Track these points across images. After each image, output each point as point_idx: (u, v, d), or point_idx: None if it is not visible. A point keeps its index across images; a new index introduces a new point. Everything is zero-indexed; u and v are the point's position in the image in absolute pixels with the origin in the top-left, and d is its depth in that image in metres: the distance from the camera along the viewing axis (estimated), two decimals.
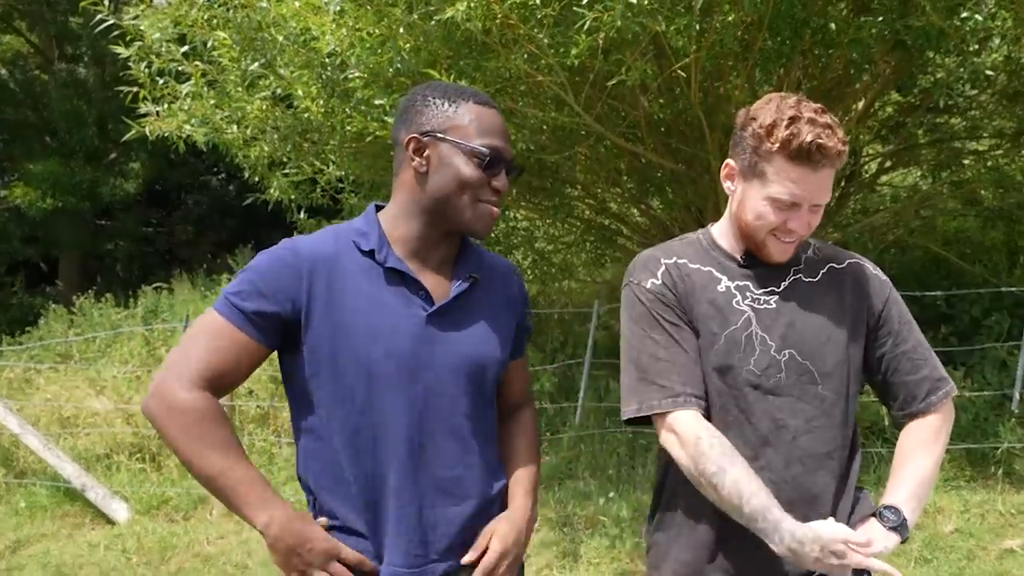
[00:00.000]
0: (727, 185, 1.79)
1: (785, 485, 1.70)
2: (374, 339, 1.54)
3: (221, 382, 1.52)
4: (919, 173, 7.38)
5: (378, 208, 1.69)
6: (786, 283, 1.77)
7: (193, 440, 1.47)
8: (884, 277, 1.83)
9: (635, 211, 6.76)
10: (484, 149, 1.57)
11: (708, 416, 1.72)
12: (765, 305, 1.75)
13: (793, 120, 1.61)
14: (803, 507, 1.70)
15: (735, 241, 1.80)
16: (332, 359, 1.55)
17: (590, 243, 7.20)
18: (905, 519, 1.72)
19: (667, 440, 1.72)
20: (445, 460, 1.59)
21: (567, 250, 7.39)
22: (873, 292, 1.79)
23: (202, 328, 1.53)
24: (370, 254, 1.59)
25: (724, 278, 1.78)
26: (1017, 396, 5.17)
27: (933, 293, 5.76)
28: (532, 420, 1.86)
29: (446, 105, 1.59)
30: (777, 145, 1.63)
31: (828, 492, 1.73)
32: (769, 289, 1.76)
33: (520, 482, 1.73)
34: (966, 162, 6.57)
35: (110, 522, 5.63)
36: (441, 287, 1.63)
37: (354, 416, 1.55)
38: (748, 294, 1.76)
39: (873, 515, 1.76)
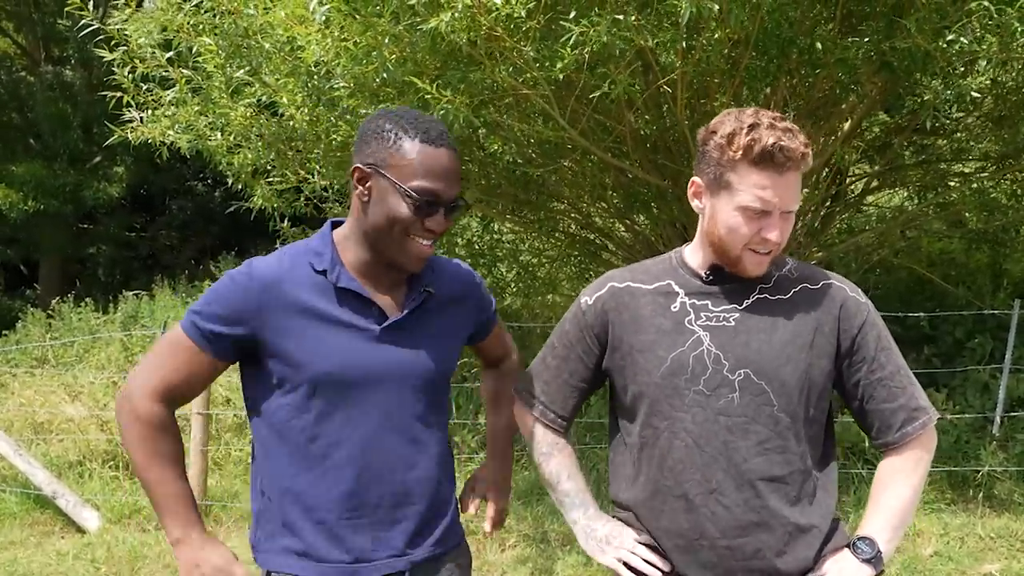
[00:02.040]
0: (695, 204, 1.78)
1: (737, 508, 1.67)
2: (327, 356, 1.63)
3: (180, 395, 1.68)
4: (905, 194, 7.40)
5: (335, 225, 1.75)
6: (749, 301, 1.74)
7: (145, 450, 1.64)
8: (863, 300, 1.76)
9: (620, 227, 6.74)
10: (415, 194, 1.61)
11: (646, 437, 1.77)
12: (723, 323, 1.72)
13: (753, 127, 1.62)
14: (757, 531, 1.67)
15: (704, 259, 1.78)
16: (287, 376, 1.64)
17: (575, 258, 7.17)
18: (880, 551, 1.68)
19: (516, 411, 1.99)
20: (398, 468, 1.69)
21: (552, 264, 7.36)
22: (847, 316, 1.73)
23: (168, 343, 1.68)
24: (323, 273, 1.66)
25: (681, 293, 1.76)
26: (998, 419, 5.16)
27: (916, 314, 5.76)
28: (514, 366, 2.07)
29: (392, 139, 1.62)
30: (740, 152, 1.63)
31: (783, 516, 1.68)
32: (731, 307, 1.73)
33: (496, 441, 2.02)
34: (952, 184, 6.59)
35: (80, 531, 5.53)
36: (395, 302, 1.71)
37: (309, 428, 1.65)
38: (705, 313, 1.73)
39: (847, 546, 1.72)
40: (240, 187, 5.88)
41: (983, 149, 6.35)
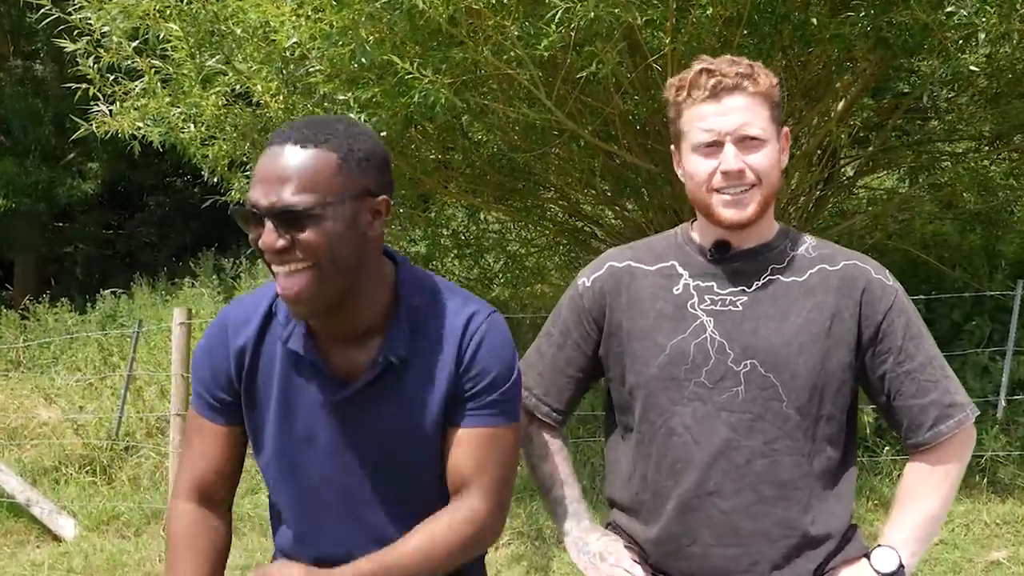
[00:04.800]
0: (679, 174, 1.66)
1: (736, 514, 1.52)
2: (281, 424, 1.46)
3: (211, 484, 1.51)
4: (897, 176, 7.29)
5: None
6: (759, 283, 1.57)
7: (169, 561, 1.48)
8: (891, 283, 1.60)
9: (610, 213, 6.60)
10: (239, 209, 1.34)
11: (642, 432, 1.62)
12: (729, 307, 1.56)
13: (686, 74, 1.57)
14: (757, 541, 1.52)
15: (706, 232, 1.63)
16: (255, 443, 1.51)
17: (564, 246, 7.02)
18: (902, 565, 1.52)
19: None
20: (347, 549, 1.43)
21: (540, 253, 7.20)
22: (871, 300, 1.56)
23: (189, 427, 1.54)
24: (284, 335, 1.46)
25: (685, 274, 1.61)
26: (1003, 403, 5.05)
27: (914, 297, 5.63)
28: (454, 513, 1.44)
29: None
30: (680, 97, 1.56)
31: (791, 525, 1.52)
32: (739, 289, 1.57)
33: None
34: (945, 165, 6.49)
35: (56, 539, 5.34)
36: (356, 363, 1.43)
37: (272, 492, 1.54)
38: (709, 296, 1.58)
39: (866, 556, 1.56)
40: (217, 181, 5.68)
41: (976, 129, 6.23)
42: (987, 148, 6.19)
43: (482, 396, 1.42)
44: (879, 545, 1.56)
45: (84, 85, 4.93)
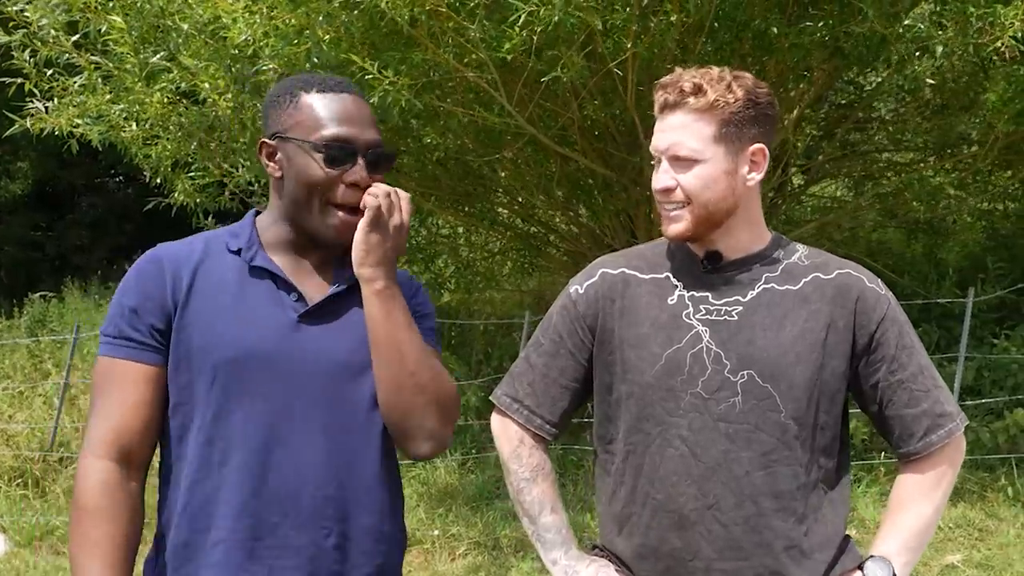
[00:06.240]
0: None
1: (736, 527, 1.48)
2: (235, 340, 1.39)
3: (135, 438, 1.38)
4: (845, 184, 7.44)
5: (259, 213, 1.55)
6: (754, 292, 1.54)
7: (75, 533, 1.35)
8: (883, 292, 1.57)
9: (562, 219, 6.57)
10: (324, 144, 1.41)
11: (633, 443, 1.56)
12: (725, 317, 1.52)
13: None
14: (760, 554, 1.48)
15: (698, 243, 1.59)
16: (190, 364, 1.39)
17: (516, 251, 6.97)
18: (895, 575, 1.50)
19: (495, 426, 1.71)
20: (309, 479, 1.39)
21: (492, 258, 7.15)
22: (864, 309, 1.53)
23: (97, 380, 1.41)
24: (238, 253, 1.46)
25: (680, 286, 1.57)
26: None
27: None
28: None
29: (288, 100, 1.46)
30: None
31: (789, 537, 1.49)
32: (733, 299, 1.53)
33: None
34: (890, 176, 6.63)
35: None
36: (317, 290, 1.47)
37: (206, 428, 1.38)
38: (704, 306, 1.54)
39: (859, 568, 1.52)
40: (158, 182, 5.49)
41: (921, 140, 6.38)
42: (932, 158, 6.34)
43: (424, 323, 1.54)
44: (872, 556, 1.53)
45: (18, 80, 4.70)
